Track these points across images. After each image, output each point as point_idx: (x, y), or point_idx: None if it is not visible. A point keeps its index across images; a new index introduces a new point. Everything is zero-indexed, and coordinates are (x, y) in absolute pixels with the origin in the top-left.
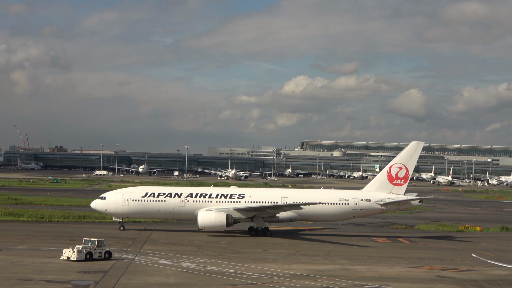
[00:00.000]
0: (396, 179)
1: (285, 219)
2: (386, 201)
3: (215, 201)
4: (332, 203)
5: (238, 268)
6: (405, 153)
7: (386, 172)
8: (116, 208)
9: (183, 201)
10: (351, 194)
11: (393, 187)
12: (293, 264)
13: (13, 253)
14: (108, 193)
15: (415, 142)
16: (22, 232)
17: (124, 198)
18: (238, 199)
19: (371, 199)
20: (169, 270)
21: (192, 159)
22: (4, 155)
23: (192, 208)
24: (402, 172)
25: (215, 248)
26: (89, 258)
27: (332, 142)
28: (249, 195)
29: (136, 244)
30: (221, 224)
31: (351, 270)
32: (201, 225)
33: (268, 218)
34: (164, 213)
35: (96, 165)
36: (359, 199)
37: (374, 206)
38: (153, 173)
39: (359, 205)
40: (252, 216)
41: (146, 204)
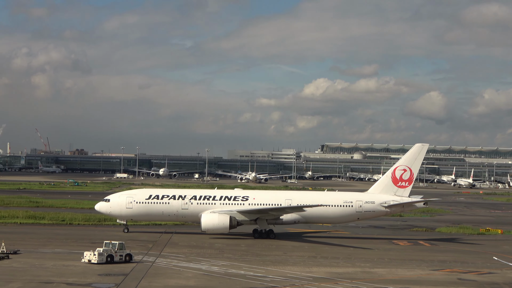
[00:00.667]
0: (400, 181)
1: (289, 221)
2: (390, 203)
3: (219, 203)
4: (336, 205)
5: (258, 271)
6: (410, 155)
7: (390, 174)
8: (120, 211)
9: (187, 203)
10: (355, 197)
11: (398, 189)
12: (313, 267)
13: (34, 256)
14: (112, 195)
15: (420, 144)
16: (43, 235)
17: (128, 201)
18: (242, 201)
19: (375, 201)
20: (190, 273)
21: (212, 162)
22: (25, 158)
23: (196, 210)
24: (407, 174)
25: (236, 250)
26: (110, 260)
27: (352, 145)
28: (253, 197)
29: (157, 247)
30: (224, 227)
31: (371, 273)
32: (204, 227)
33: (272, 221)
34: (168, 215)
35: (117, 168)
36: (363, 201)
37: (378, 208)
38: (174, 176)
39: (363, 207)
40: (256, 218)
41: (150, 206)
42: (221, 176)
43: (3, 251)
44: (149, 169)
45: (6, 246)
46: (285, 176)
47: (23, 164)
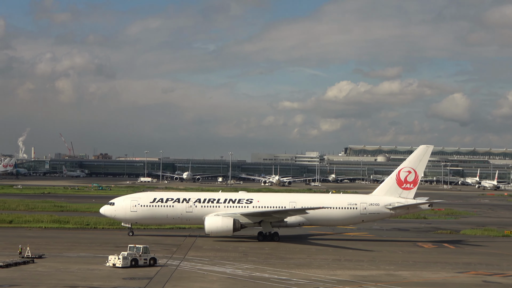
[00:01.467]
0: (405, 183)
1: (294, 224)
2: (395, 205)
3: (223, 206)
4: (341, 208)
5: (283, 274)
6: (414, 157)
7: (395, 176)
8: (125, 214)
9: (191, 206)
10: (359, 199)
11: (402, 191)
12: (337, 269)
13: (59, 260)
14: (117, 198)
15: (424, 146)
16: (68, 239)
17: (132, 204)
18: (246, 204)
19: (380, 204)
20: (214, 276)
21: (235, 165)
22: (49, 163)
23: (200, 213)
24: (411, 176)
25: (260, 254)
26: (135, 264)
27: (376, 147)
28: (257, 200)
29: (181, 250)
30: (228, 229)
31: (396, 275)
32: (208, 230)
33: (276, 223)
34: (173, 218)
35: (141, 172)
36: (367, 203)
37: (383, 210)
38: (197, 179)
39: (368, 210)
40: (260, 221)
41: (155, 209)
42: (245, 179)
43: (28, 255)
44: (172, 172)
45: (31, 250)
46: (309, 179)
47: (47, 169)
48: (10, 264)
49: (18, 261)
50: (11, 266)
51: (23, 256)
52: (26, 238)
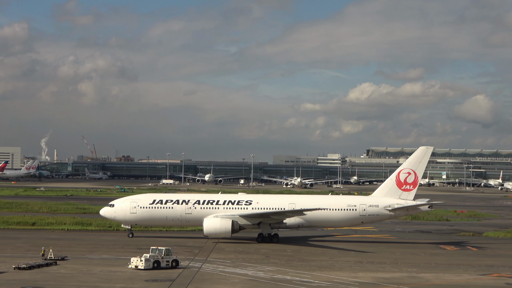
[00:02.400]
0: (405, 185)
1: (293, 225)
2: (394, 207)
3: (222, 207)
4: (340, 209)
5: (304, 276)
6: (414, 158)
7: (394, 178)
8: (124, 216)
9: (190, 208)
10: (359, 200)
11: (402, 192)
12: (359, 272)
13: (82, 262)
14: (116, 200)
15: (424, 147)
16: (90, 241)
17: (132, 206)
18: (245, 205)
19: (379, 205)
20: (236, 278)
21: (257, 167)
22: (72, 165)
23: (199, 215)
24: (411, 178)
25: (282, 256)
26: (157, 266)
27: (398, 149)
28: (256, 201)
29: (203, 252)
30: (226, 231)
31: (418, 278)
32: (206, 231)
33: (275, 225)
34: (172, 220)
35: (163, 174)
36: (367, 205)
37: (382, 211)
38: (219, 181)
39: (367, 211)
40: (258, 222)
41: (154, 211)
42: (267, 181)
43: (51, 257)
44: (194, 175)
45: (54, 252)
46: (331, 181)
47: (70, 171)
48: (33, 266)
49: (41, 263)
50: (34, 268)
51: (46, 258)
52: (49, 240)
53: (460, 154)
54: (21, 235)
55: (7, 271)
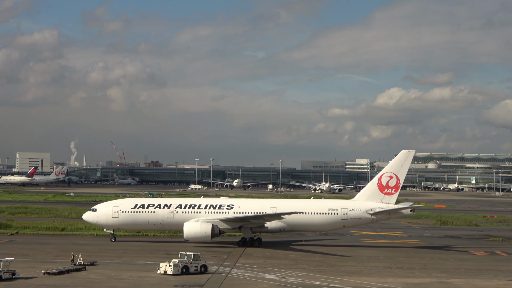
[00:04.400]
0: (387, 188)
1: (275, 229)
2: (376, 211)
3: (204, 212)
4: (321, 213)
5: (333, 282)
6: (396, 162)
7: (376, 181)
8: (106, 220)
9: (172, 212)
10: (340, 204)
11: (384, 196)
12: (388, 277)
13: (111, 267)
14: (99, 205)
15: (406, 151)
16: (119, 247)
17: (114, 210)
18: (227, 210)
19: (361, 209)
20: (265, 284)
21: (285, 173)
22: (101, 171)
23: (181, 219)
24: (393, 181)
25: (310, 261)
26: (185, 272)
27: (426, 154)
28: (238, 205)
29: (232, 257)
30: (206, 235)
31: (448, 283)
32: (186, 236)
33: (256, 229)
34: (154, 224)
35: (191, 180)
36: (348, 208)
37: (364, 215)
38: (247, 187)
39: (349, 215)
40: (239, 226)
41: (136, 215)
42: (295, 186)
43: (81, 262)
44: (223, 180)
45: (84, 257)
46: (359, 186)
47: (99, 177)
48: (62, 271)
49: (70, 268)
50: (64, 273)
51: (75, 263)
52: (78, 245)
53: (489, 159)
54: (51, 241)
55: (37, 276)
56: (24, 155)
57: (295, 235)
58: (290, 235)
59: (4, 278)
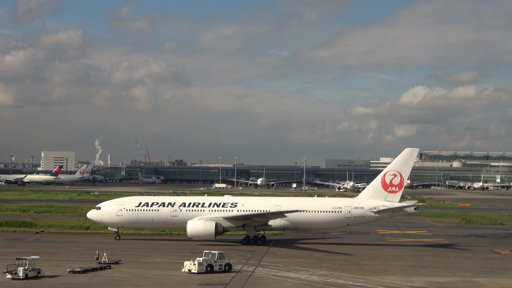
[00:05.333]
0: (390, 187)
1: (278, 227)
2: (380, 209)
3: (208, 210)
4: (325, 211)
5: (358, 281)
6: (399, 160)
7: (380, 180)
8: (110, 218)
9: (176, 210)
10: (344, 202)
11: (388, 194)
12: (413, 276)
13: (136, 266)
14: (103, 203)
15: (409, 149)
16: (144, 245)
17: (118, 208)
18: (230, 208)
19: (364, 207)
20: (289, 282)
21: (310, 171)
22: (125, 169)
23: (185, 217)
24: (397, 179)
25: (334, 260)
26: (210, 270)
27: (451, 153)
28: (242, 203)
29: (256, 256)
30: (210, 233)
31: (473, 282)
32: (190, 234)
33: (260, 227)
34: (158, 222)
35: (215, 178)
36: (352, 207)
37: (367, 213)
38: (271, 185)
39: (352, 213)
40: (243, 224)
41: (140, 214)
42: (319, 185)
43: (105, 261)
44: (247, 179)
45: (108, 256)
46: None
47: (123, 175)
48: (87, 270)
49: (95, 266)
50: (89, 272)
51: (100, 262)
52: (103, 244)
53: None
54: (76, 239)
55: (62, 274)
56: (49, 154)
57: (306, 233)
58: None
59: (30, 277)
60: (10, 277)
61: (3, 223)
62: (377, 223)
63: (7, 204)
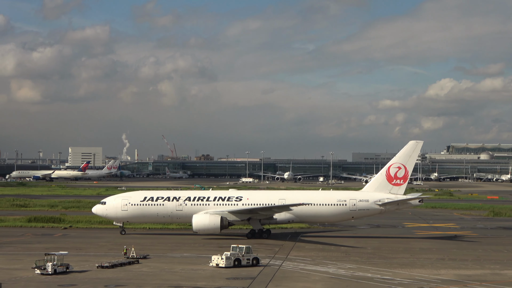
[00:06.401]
0: (395, 179)
1: (283, 221)
2: (385, 201)
3: (213, 204)
4: (330, 204)
5: (386, 274)
6: (404, 152)
7: (385, 172)
8: (116, 213)
9: (181, 204)
10: (349, 195)
11: (392, 187)
12: (441, 269)
13: (164, 261)
14: (108, 198)
15: (414, 142)
16: (172, 240)
17: (123, 203)
18: (235, 202)
19: (369, 200)
20: (317, 276)
21: (336, 165)
22: (153, 164)
23: (190, 211)
24: (401, 172)
25: (362, 253)
26: (237, 264)
27: (478, 145)
28: (247, 197)
29: (283, 250)
30: (215, 227)
31: (501, 275)
32: (195, 228)
33: (265, 220)
34: (163, 216)
35: (242, 173)
36: (357, 199)
37: (372, 206)
38: (298, 179)
39: (357, 206)
40: (248, 218)
41: (145, 208)
42: (346, 179)
43: (133, 255)
44: (274, 173)
45: (136, 251)
46: (411, 178)
47: (150, 170)
48: (115, 265)
49: (123, 261)
50: (117, 267)
51: (128, 257)
52: (130, 239)
53: None
54: (104, 234)
55: (91, 269)
56: (77, 149)
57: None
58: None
59: (58, 272)
60: (39, 272)
61: (31, 219)
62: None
63: (36, 200)
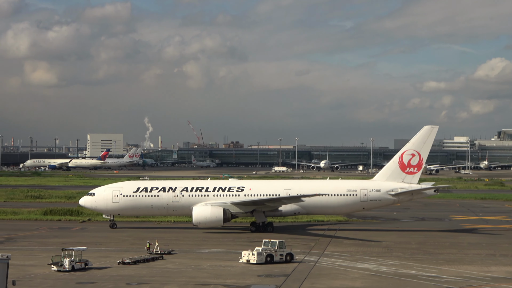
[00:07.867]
0: (408, 167)
1: (289, 212)
2: (398, 191)
3: (212, 195)
4: (339, 195)
5: (431, 271)
6: (418, 138)
7: (397, 160)
8: (106, 205)
9: (177, 195)
10: (359, 185)
11: (406, 175)
12: (492, 266)
13: (190, 256)
14: (97, 189)
15: (429, 127)
16: (198, 234)
17: (114, 194)
18: (237, 192)
19: (381, 189)
20: (356, 273)
21: (377, 153)
22: (177, 152)
23: (187, 203)
24: (415, 160)
25: (405, 249)
26: (270, 260)
27: None
28: (249, 187)
29: (319, 245)
30: (218, 220)
31: None
32: (196, 221)
33: (269, 213)
34: (158, 209)
35: (275, 161)
36: (368, 189)
37: (385, 196)
38: (335, 168)
39: (369, 196)
40: (252, 210)
41: (138, 199)
42: None
43: (157, 251)
44: (309, 161)
45: (160, 246)
46: (458, 166)
47: (175, 159)
48: (138, 261)
49: (146, 257)
50: (139, 263)
51: (151, 252)
52: (154, 233)
53: None
54: (125, 228)
55: (111, 266)
56: (96, 136)
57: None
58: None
59: (76, 268)
60: (56, 269)
61: (47, 212)
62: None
63: (52, 191)
